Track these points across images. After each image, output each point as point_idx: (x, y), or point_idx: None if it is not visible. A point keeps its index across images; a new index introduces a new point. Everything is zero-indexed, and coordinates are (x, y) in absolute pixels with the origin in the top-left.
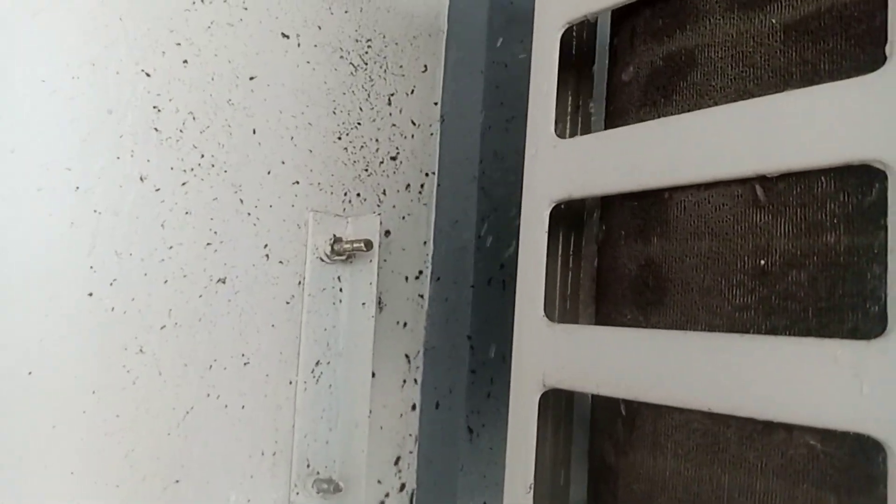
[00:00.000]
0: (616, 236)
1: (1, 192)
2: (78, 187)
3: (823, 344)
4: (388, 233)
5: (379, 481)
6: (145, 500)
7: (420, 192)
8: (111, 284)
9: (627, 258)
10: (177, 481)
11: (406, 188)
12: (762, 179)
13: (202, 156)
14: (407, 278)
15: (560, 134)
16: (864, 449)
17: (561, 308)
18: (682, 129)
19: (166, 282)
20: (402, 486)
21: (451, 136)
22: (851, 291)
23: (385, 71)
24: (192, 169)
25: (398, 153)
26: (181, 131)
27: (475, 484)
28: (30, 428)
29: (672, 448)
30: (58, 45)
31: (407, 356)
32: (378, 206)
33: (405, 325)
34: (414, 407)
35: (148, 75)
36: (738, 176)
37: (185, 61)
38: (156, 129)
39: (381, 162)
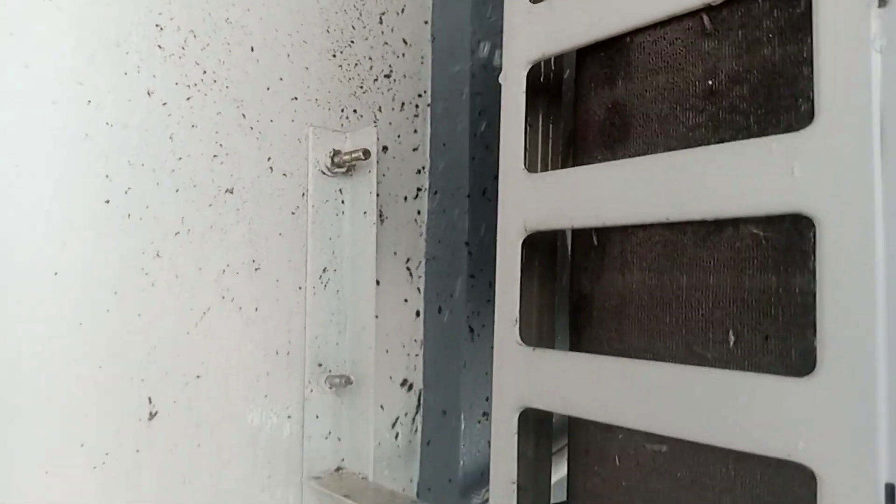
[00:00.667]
0: (586, 89)
1: (18, 104)
2: (90, 101)
3: (761, 141)
4: (385, 148)
5: (390, 377)
6: (169, 394)
7: (416, 111)
8: (126, 192)
9: (597, 106)
10: (197, 377)
11: (401, 107)
12: (709, 9)
13: (204, 72)
14: (406, 198)
15: None
16: (798, 229)
17: (543, 162)
18: None
19: (177, 191)
20: (410, 386)
21: (442, 55)
22: (786, 94)
23: None
24: (196, 84)
25: (391, 71)
26: (183, 48)
27: (478, 380)
28: (58, 325)
29: (637, 262)
30: None
31: (408, 267)
32: (374, 123)
33: (406, 237)
34: (418, 313)
35: None
36: (687, 9)
37: None
38: (159, 47)
39: (376, 79)
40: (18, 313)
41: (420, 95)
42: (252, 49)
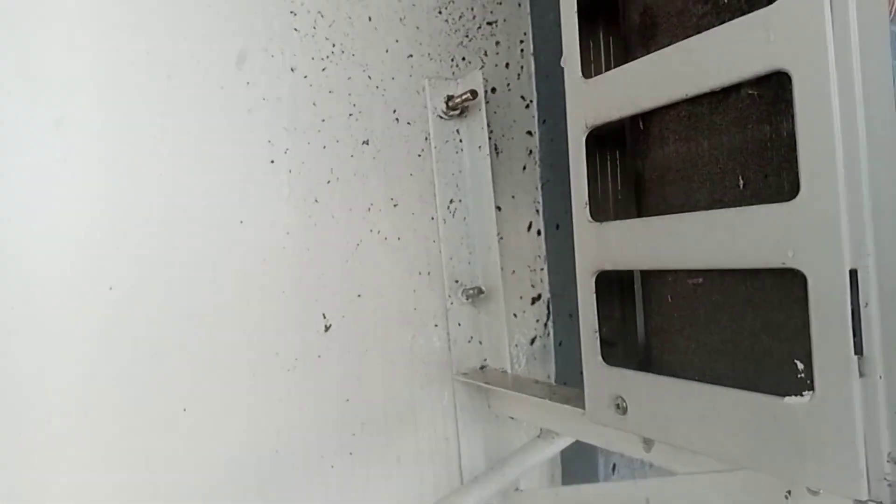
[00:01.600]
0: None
1: (197, 93)
2: (248, 83)
3: (744, 19)
4: (493, 90)
5: (520, 289)
6: (338, 310)
7: (520, 51)
8: (286, 153)
9: (634, 12)
10: (358, 296)
11: (507, 49)
12: None
13: (333, 45)
14: (518, 130)
15: None
16: (781, 84)
17: (597, 68)
18: None
19: (324, 147)
20: (539, 295)
21: None
22: None
23: None
24: (328, 56)
25: (494, 18)
26: (314, 28)
27: None
28: (247, 262)
29: (671, 136)
30: None
31: (527, 192)
32: (482, 66)
33: (524, 167)
34: (539, 232)
35: None
36: None
37: None
38: (295, 30)
39: (479, 27)
40: (217, 255)
41: (521, 40)
42: (370, 19)
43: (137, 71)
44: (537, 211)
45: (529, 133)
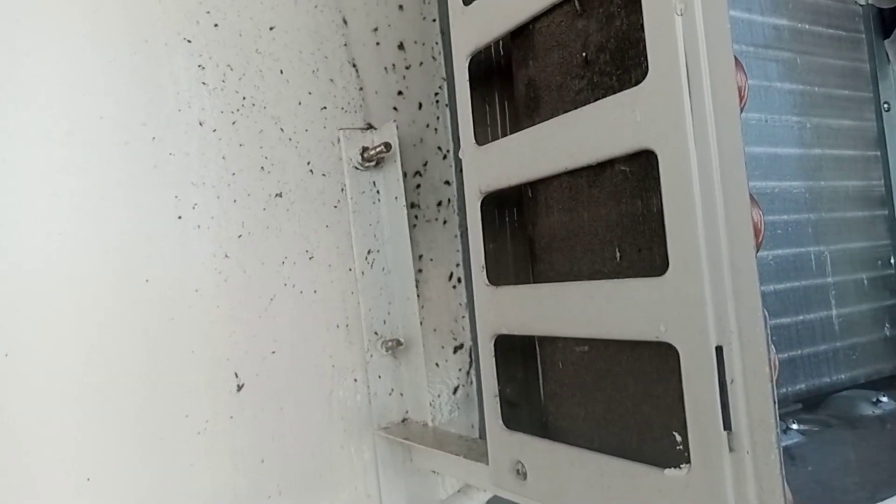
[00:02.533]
0: (514, 71)
1: (98, 149)
2: (154, 137)
3: (615, 97)
4: (412, 145)
5: (441, 338)
6: (251, 368)
7: (435, 101)
8: (193, 208)
9: (520, 83)
10: (273, 352)
11: (419, 107)
12: None
13: (244, 98)
14: (433, 184)
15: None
16: (650, 161)
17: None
18: None
19: (235, 201)
20: (462, 345)
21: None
22: (633, 56)
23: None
24: (238, 110)
25: (409, 71)
26: (223, 81)
27: None
28: (155, 322)
29: (555, 206)
30: (116, 30)
31: (448, 241)
32: (395, 120)
33: (444, 218)
34: (459, 280)
35: (189, 41)
36: None
37: (216, 24)
38: (203, 83)
39: (395, 80)
40: (122, 316)
41: (436, 92)
42: (281, 72)
43: (35, 127)
44: (457, 264)
45: (447, 183)
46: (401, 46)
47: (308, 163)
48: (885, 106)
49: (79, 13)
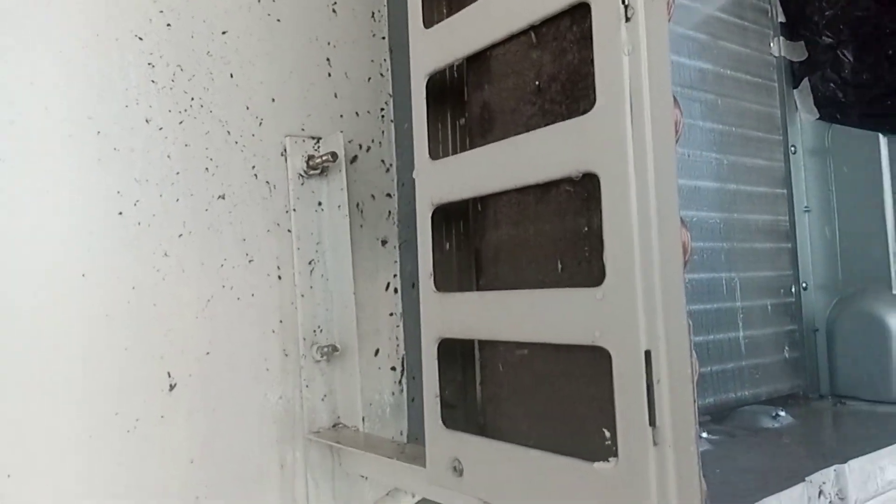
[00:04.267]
0: (470, 92)
1: (41, 140)
2: (99, 132)
3: (562, 125)
4: (356, 158)
5: (376, 346)
6: (184, 368)
7: (381, 114)
8: (135, 205)
9: (475, 104)
10: (207, 353)
11: (367, 113)
12: (533, 28)
13: (192, 99)
14: (374, 196)
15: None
16: (593, 184)
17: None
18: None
19: (178, 200)
20: (395, 351)
21: (400, 65)
22: (582, 87)
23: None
24: (186, 110)
25: (358, 84)
26: (173, 81)
27: None
28: (88, 317)
29: (503, 220)
30: (68, 22)
31: (386, 252)
32: (342, 130)
33: (382, 226)
34: (396, 290)
35: (140, 39)
36: (521, 28)
37: (169, 24)
38: (153, 81)
39: (343, 91)
40: (55, 310)
41: (382, 108)
42: (231, 76)
43: None
44: (395, 275)
45: (389, 195)
46: (351, 61)
47: (253, 167)
48: (793, 149)
49: (32, 2)
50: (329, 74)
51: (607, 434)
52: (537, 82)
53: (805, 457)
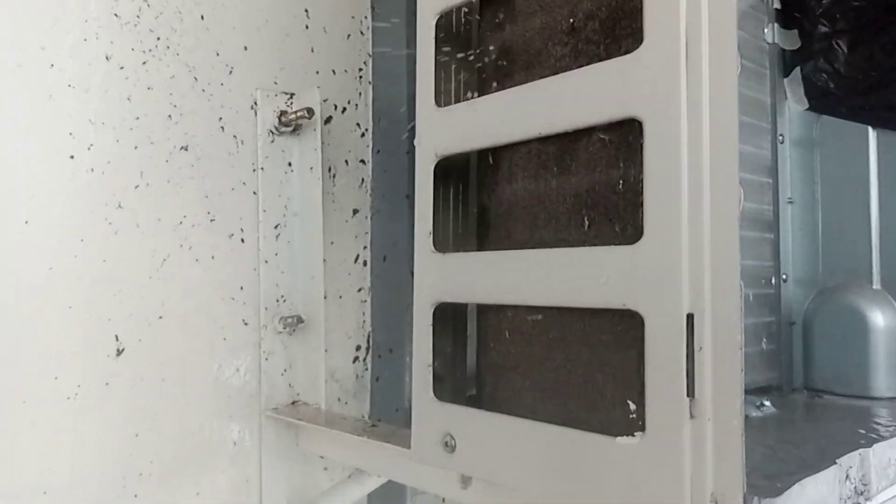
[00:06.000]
0: (486, 33)
1: None
2: (52, 65)
3: (604, 65)
4: (330, 118)
5: (341, 321)
6: (134, 332)
7: (359, 74)
8: (89, 149)
9: (492, 46)
10: (160, 318)
11: (344, 71)
12: None
13: (158, 38)
14: (348, 161)
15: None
16: (631, 131)
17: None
18: None
19: (136, 147)
20: (360, 328)
21: (382, 18)
22: (625, 26)
23: None
24: (150, 50)
25: (337, 41)
26: (138, 17)
27: None
28: (30, 270)
29: (520, 173)
30: None
31: (356, 221)
32: (319, 85)
33: (353, 194)
34: (365, 263)
35: None
36: None
37: None
38: (116, 15)
39: (320, 48)
40: None
41: (360, 68)
42: (202, 17)
43: None
44: (364, 245)
45: (363, 161)
46: (330, 15)
47: (220, 118)
48: (780, 138)
49: None
50: (306, 27)
51: (632, 406)
52: (571, 20)
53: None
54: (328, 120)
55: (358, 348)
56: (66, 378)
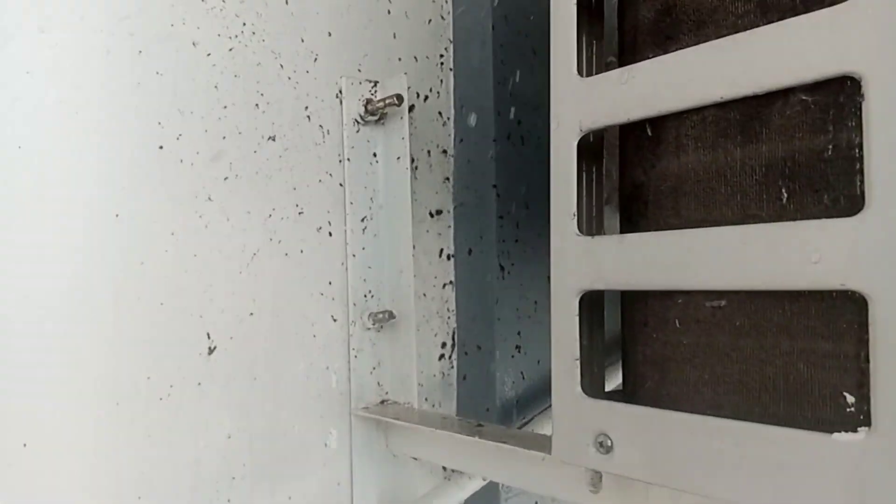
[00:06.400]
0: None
1: (74, 54)
2: (140, 51)
3: (810, 17)
4: (418, 97)
5: (426, 317)
6: (225, 329)
7: (441, 61)
8: (178, 139)
9: (646, 10)
10: (251, 314)
11: (426, 58)
12: None
13: (244, 24)
14: (430, 152)
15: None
16: (842, 90)
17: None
18: None
19: (224, 137)
20: (446, 324)
21: (465, 5)
22: None
23: None
24: (236, 36)
25: (419, 28)
26: (224, 1)
27: (510, 315)
28: (121, 265)
29: (692, 144)
30: None
31: (439, 214)
32: (406, 72)
33: (437, 186)
34: (449, 257)
35: None
36: None
37: None
38: (201, 0)
39: (403, 34)
40: (84, 254)
41: (441, 55)
42: (287, 2)
43: (4, 19)
44: (448, 238)
45: (444, 152)
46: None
47: (306, 107)
48: None
49: None
50: (388, 12)
51: (849, 399)
52: None
53: None
54: (411, 108)
55: (443, 345)
56: (159, 378)
